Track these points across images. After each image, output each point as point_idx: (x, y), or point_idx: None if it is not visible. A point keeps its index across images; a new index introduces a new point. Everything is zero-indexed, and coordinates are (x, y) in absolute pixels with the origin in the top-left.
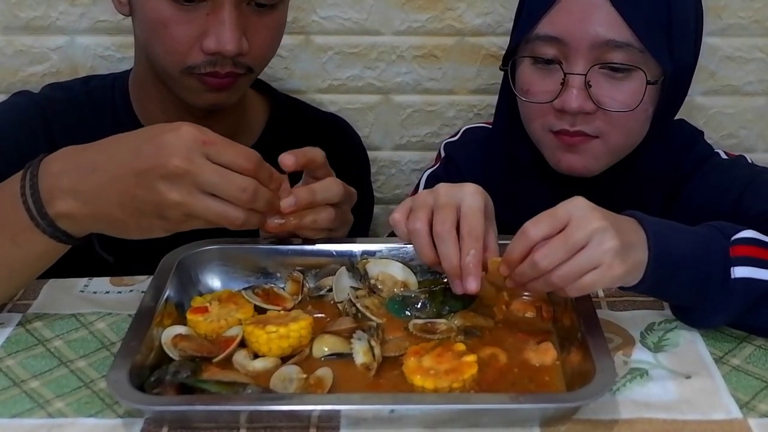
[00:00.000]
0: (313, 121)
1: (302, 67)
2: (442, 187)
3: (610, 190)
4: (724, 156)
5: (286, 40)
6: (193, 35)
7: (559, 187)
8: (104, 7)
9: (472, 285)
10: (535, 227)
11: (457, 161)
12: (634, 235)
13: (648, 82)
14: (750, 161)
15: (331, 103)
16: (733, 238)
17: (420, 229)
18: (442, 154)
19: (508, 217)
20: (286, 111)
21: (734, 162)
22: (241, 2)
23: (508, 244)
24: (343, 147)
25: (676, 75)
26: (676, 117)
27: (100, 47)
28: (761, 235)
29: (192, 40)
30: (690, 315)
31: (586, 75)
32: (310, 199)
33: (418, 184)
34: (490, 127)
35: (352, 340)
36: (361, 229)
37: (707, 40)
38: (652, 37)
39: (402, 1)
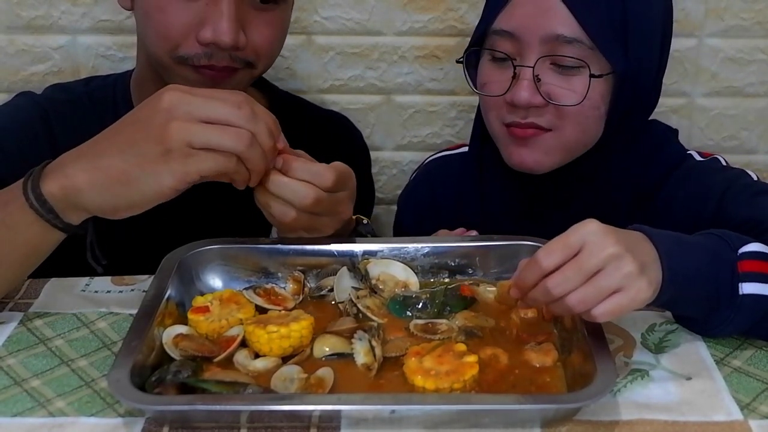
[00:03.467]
0: (315, 119)
1: (304, 67)
2: None
3: (577, 189)
4: (697, 157)
5: (288, 40)
6: (189, 24)
7: (527, 185)
8: (106, 7)
9: None
10: (548, 257)
11: (419, 194)
12: (648, 255)
13: (592, 75)
14: (725, 163)
15: (333, 103)
16: (740, 251)
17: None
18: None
19: (479, 220)
20: (286, 108)
21: (709, 165)
22: None
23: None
24: (345, 143)
25: (634, 75)
26: (655, 118)
27: (102, 47)
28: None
29: (187, 28)
30: (694, 325)
31: (533, 68)
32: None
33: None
34: (452, 153)
35: (353, 341)
36: None
37: (709, 42)
38: (603, 35)
39: (404, 1)
